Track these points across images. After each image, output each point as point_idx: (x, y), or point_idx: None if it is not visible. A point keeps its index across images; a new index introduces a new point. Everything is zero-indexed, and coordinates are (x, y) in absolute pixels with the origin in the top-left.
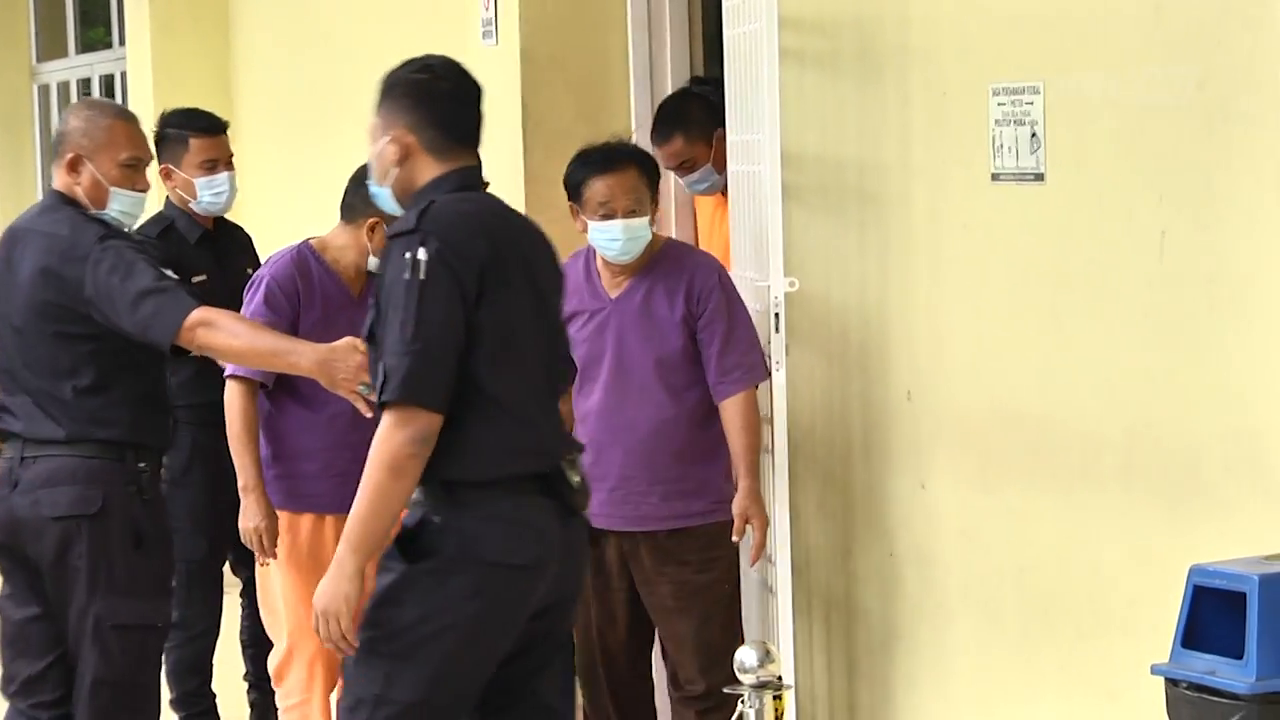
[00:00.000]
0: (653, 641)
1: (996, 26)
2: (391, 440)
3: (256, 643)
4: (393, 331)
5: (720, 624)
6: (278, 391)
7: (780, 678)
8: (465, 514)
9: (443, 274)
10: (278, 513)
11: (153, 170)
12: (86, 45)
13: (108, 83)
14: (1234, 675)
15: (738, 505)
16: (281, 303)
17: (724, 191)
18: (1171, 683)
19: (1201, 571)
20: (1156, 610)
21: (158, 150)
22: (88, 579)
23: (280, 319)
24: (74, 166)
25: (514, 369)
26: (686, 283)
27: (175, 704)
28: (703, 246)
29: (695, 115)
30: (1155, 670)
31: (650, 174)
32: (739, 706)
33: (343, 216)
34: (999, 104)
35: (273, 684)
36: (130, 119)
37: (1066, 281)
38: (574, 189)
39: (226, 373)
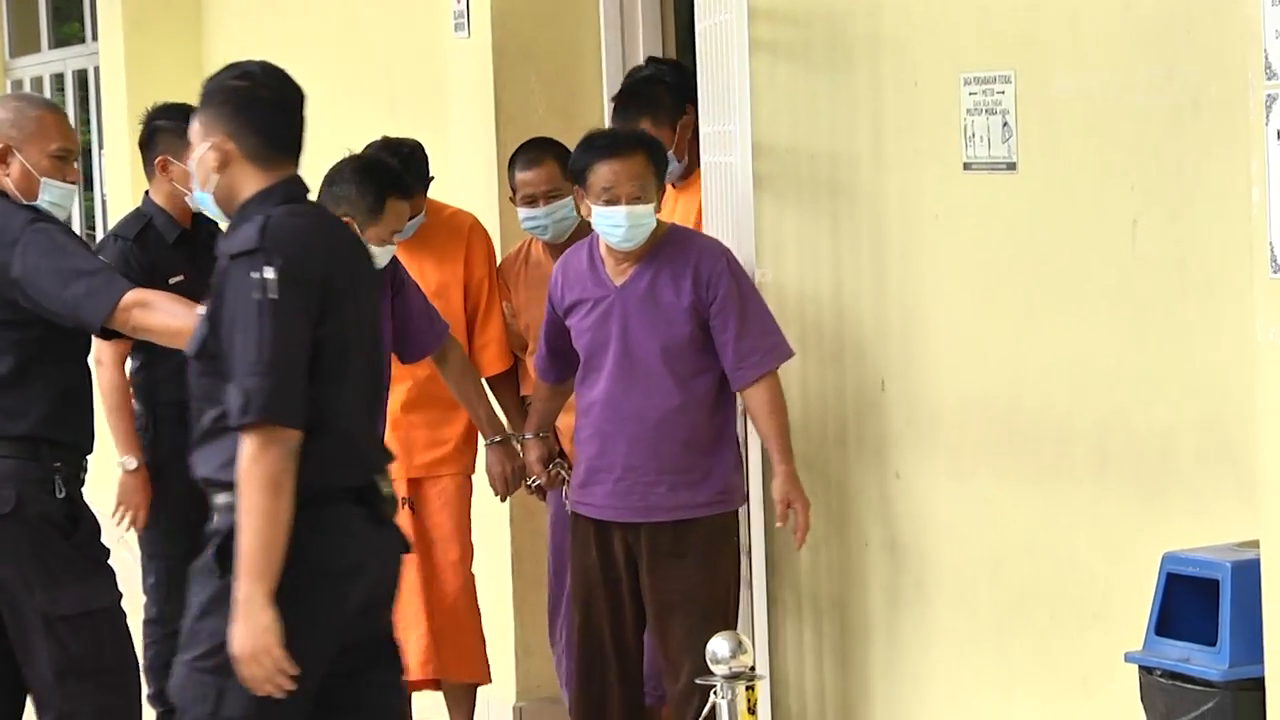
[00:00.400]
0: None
1: (967, 16)
2: (264, 460)
3: None
4: (247, 352)
5: (718, 624)
6: None
7: (753, 668)
8: None
9: (290, 292)
10: None
11: (122, 164)
12: (60, 40)
13: (81, 78)
14: (1208, 663)
15: (778, 490)
16: None
17: (674, 183)
18: (1145, 670)
19: (1174, 559)
20: (1130, 598)
21: (151, 143)
22: (18, 576)
23: None
24: (3, 158)
25: (345, 384)
26: (693, 269)
27: (153, 699)
28: None
29: (663, 100)
30: (1129, 658)
31: (658, 161)
32: (711, 697)
33: None
34: (970, 94)
35: None
36: (59, 112)
37: (1039, 271)
38: (579, 173)
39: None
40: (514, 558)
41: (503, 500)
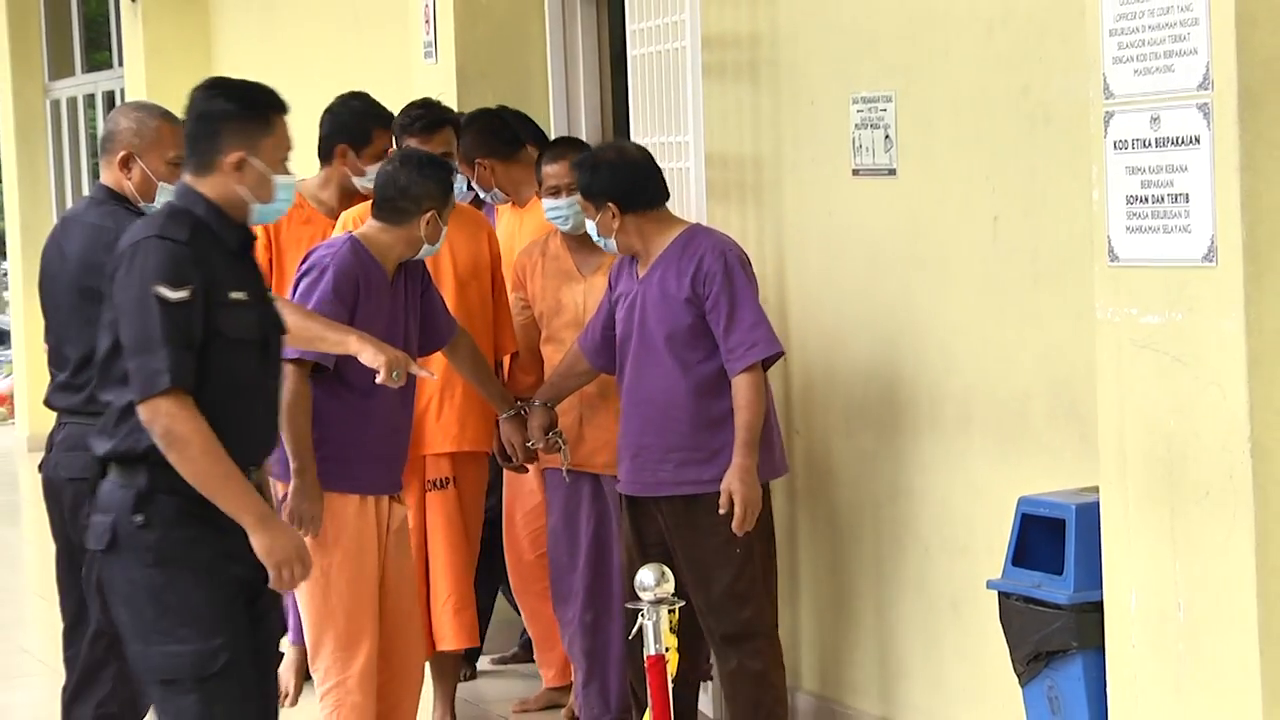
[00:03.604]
0: None
1: (856, 45)
2: None
3: None
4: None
5: (743, 588)
6: (326, 377)
7: (674, 595)
8: None
9: None
10: (325, 494)
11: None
12: (92, 66)
13: (109, 97)
14: (1056, 589)
15: (724, 480)
16: (348, 293)
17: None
18: (1004, 595)
19: (1028, 502)
20: (991, 535)
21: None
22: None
23: (344, 308)
24: (125, 163)
25: None
26: (696, 264)
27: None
28: (505, 253)
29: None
30: (990, 585)
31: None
32: (639, 619)
33: (388, 219)
34: (858, 111)
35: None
36: (175, 122)
37: (914, 259)
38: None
39: (284, 354)
40: None
41: (523, 469)
